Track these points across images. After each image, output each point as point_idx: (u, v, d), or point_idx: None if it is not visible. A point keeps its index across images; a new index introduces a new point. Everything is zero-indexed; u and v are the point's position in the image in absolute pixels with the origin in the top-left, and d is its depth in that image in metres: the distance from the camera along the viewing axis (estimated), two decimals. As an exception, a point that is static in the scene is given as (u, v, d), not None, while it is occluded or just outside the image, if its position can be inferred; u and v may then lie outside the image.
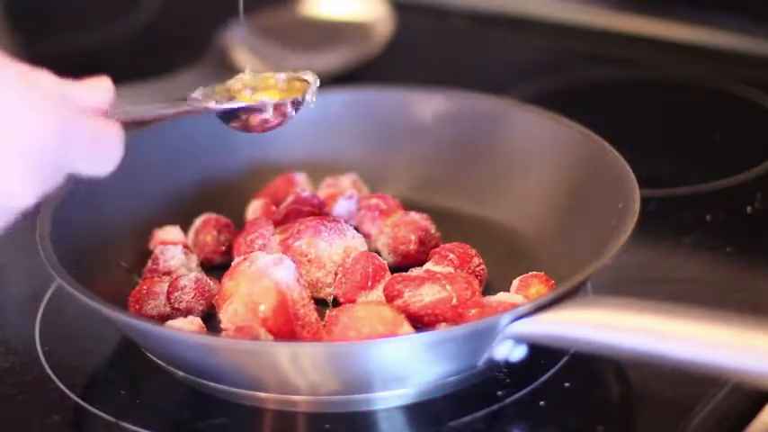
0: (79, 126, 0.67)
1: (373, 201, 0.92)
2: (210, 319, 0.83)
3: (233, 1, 0.80)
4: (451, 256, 0.84)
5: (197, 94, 0.79)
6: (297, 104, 0.82)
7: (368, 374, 0.74)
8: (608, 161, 0.87)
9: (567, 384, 0.78)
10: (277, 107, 0.81)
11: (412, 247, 0.88)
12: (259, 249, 0.85)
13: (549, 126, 0.93)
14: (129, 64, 1.23)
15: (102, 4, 0.72)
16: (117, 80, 0.73)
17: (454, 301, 0.78)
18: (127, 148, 0.70)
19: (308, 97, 0.82)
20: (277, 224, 0.90)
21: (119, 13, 0.73)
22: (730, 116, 1.13)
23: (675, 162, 1.06)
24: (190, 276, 0.85)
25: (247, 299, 0.78)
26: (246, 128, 0.81)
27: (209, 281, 0.85)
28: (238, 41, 1.23)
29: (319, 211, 0.90)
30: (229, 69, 0.78)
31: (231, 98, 0.80)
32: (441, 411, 0.76)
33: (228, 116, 0.80)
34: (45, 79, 0.68)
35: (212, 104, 0.79)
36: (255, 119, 0.80)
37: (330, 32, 1.30)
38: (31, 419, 0.79)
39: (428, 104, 0.99)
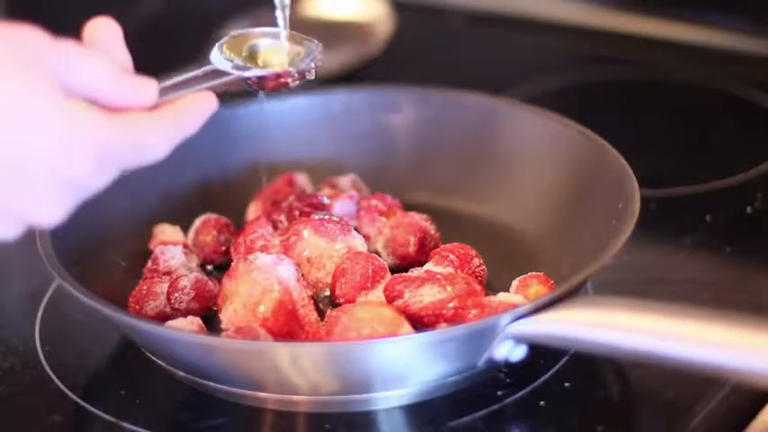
0: (118, 145, 0.66)
1: (373, 201, 0.92)
2: (210, 320, 0.83)
3: (233, 0, 0.80)
4: (452, 256, 0.84)
5: (216, 60, 0.77)
6: (313, 68, 0.81)
7: (368, 374, 0.74)
8: (608, 161, 0.87)
9: (567, 384, 0.78)
10: (301, 71, 0.80)
11: (411, 248, 0.88)
12: (259, 250, 0.85)
13: (549, 126, 0.93)
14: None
15: (101, 3, 0.72)
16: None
17: (454, 301, 0.78)
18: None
19: (318, 61, 0.81)
20: (277, 224, 0.90)
21: (118, 12, 0.73)
22: (730, 116, 1.13)
23: (675, 162, 1.06)
24: (190, 277, 0.85)
25: (247, 299, 0.78)
26: (262, 87, 0.80)
27: (208, 281, 0.85)
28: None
29: (320, 211, 0.90)
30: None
31: (248, 59, 0.79)
32: (441, 411, 0.76)
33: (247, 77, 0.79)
34: (83, 79, 0.65)
35: (244, 73, 0.77)
36: (275, 81, 0.79)
37: (330, 32, 1.30)
38: (31, 419, 0.79)
39: (428, 104, 0.99)
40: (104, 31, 0.70)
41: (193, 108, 0.71)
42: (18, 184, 0.63)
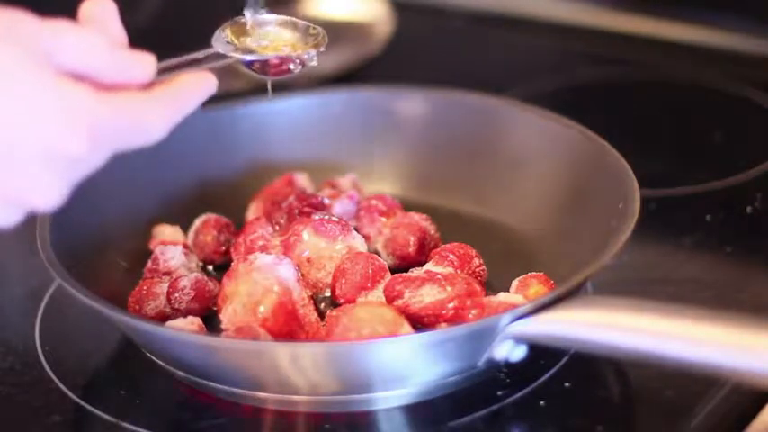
0: (113, 124, 0.64)
1: (373, 202, 0.92)
2: (211, 320, 0.83)
3: (233, 1, 0.80)
4: (452, 256, 0.84)
5: (218, 43, 0.76)
6: (315, 55, 0.80)
7: (368, 374, 0.74)
8: (608, 161, 0.87)
9: (567, 384, 0.78)
10: (303, 58, 0.79)
11: (411, 248, 0.88)
12: (259, 250, 0.85)
13: (549, 126, 0.93)
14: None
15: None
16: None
17: (454, 301, 0.78)
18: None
19: (321, 47, 0.80)
20: (277, 224, 0.90)
21: (120, 11, 0.73)
22: (730, 116, 1.13)
23: (675, 162, 1.06)
24: (190, 277, 0.84)
25: (247, 299, 0.78)
26: (264, 72, 0.79)
27: (208, 281, 0.85)
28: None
29: (319, 211, 0.90)
30: (230, 69, 0.77)
31: (250, 42, 0.78)
32: (441, 411, 0.76)
33: (250, 62, 0.78)
34: (76, 56, 0.64)
35: (246, 56, 0.76)
36: (278, 68, 0.79)
37: (330, 32, 1.30)
38: (31, 419, 0.79)
39: (428, 105, 0.99)
40: (98, 8, 0.69)
41: (192, 87, 0.69)
42: (11, 166, 0.62)
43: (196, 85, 0.70)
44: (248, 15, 0.79)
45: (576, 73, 1.22)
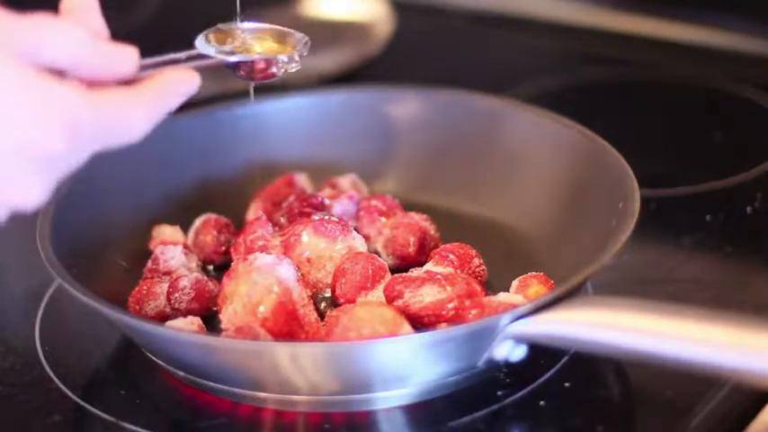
0: (93, 122, 0.63)
1: (373, 202, 0.92)
2: (211, 320, 0.83)
3: (233, 1, 0.80)
4: (452, 256, 0.84)
5: (200, 47, 0.75)
6: (298, 59, 0.80)
7: (368, 374, 0.74)
8: (608, 161, 0.87)
9: (566, 384, 0.78)
10: (285, 61, 0.79)
11: (411, 249, 0.88)
12: (259, 250, 0.85)
13: (549, 126, 0.93)
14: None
15: (100, 3, 0.72)
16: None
17: (454, 301, 0.78)
18: (127, 147, 0.69)
19: (303, 52, 0.80)
20: (277, 224, 0.90)
21: (117, 12, 0.73)
22: (730, 116, 1.13)
23: (675, 162, 1.06)
24: (190, 277, 0.84)
25: (247, 299, 0.78)
26: (250, 77, 0.79)
27: (208, 281, 0.85)
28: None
29: (319, 211, 0.90)
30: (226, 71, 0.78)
31: (234, 48, 0.78)
32: (441, 411, 0.76)
33: (234, 66, 0.78)
34: (53, 51, 0.63)
35: (228, 57, 0.76)
36: (263, 71, 0.78)
37: (330, 32, 1.30)
38: (31, 419, 0.79)
39: (428, 104, 0.99)
40: (79, 1, 0.68)
41: (174, 84, 0.68)
42: None
43: (179, 83, 0.68)
44: (230, 23, 0.79)
45: (576, 73, 1.22)
